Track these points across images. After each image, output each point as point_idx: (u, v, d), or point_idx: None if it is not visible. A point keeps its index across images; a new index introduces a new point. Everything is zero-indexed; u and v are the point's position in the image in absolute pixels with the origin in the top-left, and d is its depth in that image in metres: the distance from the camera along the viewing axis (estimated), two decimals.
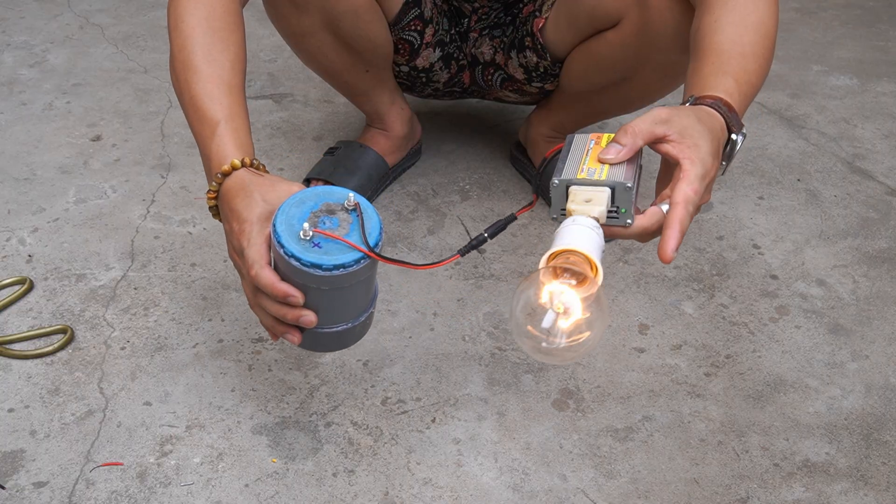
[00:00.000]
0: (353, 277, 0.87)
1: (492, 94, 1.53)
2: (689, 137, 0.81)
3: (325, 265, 0.84)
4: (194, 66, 0.98)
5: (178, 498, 1.04)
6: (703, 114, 0.84)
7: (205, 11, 1.02)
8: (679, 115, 0.82)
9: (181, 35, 1.01)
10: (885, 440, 1.13)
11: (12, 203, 1.51)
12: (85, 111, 1.77)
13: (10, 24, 2.10)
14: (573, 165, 0.84)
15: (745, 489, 1.07)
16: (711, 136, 0.82)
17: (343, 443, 1.11)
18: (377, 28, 1.33)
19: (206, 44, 1.00)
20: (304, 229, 0.85)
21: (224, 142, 0.94)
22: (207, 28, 1.01)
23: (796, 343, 1.27)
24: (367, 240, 0.85)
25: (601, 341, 1.26)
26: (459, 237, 1.46)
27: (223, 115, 0.95)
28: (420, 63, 1.42)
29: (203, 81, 0.97)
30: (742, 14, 0.95)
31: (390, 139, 1.54)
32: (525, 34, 1.38)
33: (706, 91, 0.88)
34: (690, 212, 0.79)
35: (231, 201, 0.91)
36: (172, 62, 1.02)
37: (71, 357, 1.22)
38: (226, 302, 1.32)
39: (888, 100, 1.88)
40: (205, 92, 0.97)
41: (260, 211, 0.89)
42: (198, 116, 0.96)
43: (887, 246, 1.46)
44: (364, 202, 0.88)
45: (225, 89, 0.97)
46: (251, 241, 0.88)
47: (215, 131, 0.94)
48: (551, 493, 1.06)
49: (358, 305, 0.93)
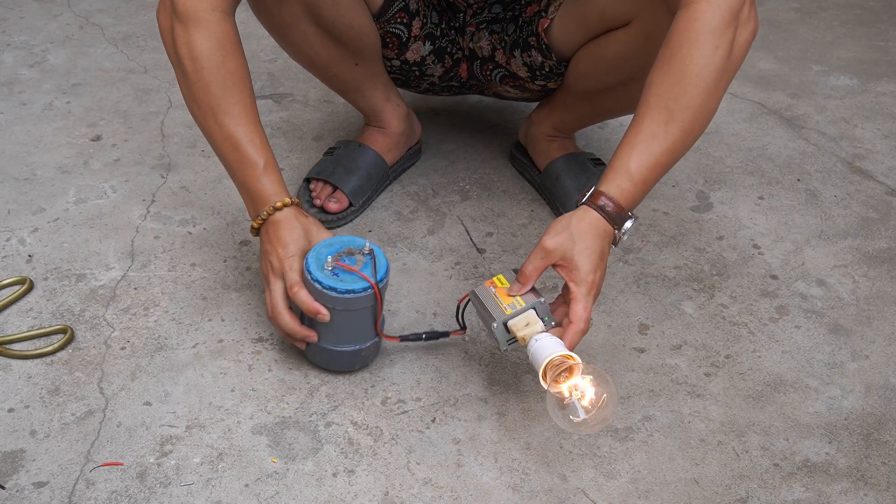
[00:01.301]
0: (360, 303, 1.10)
1: (491, 89, 1.52)
2: (571, 262, 1.04)
3: (339, 289, 1.09)
4: (223, 103, 1.15)
5: (178, 498, 1.04)
6: (584, 227, 1.04)
7: (214, 37, 1.14)
8: (561, 242, 1.04)
9: (197, 65, 1.14)
10: (885, 440, 1.13)
11: (12, 203, 1.51)
12: (85, 111, 1.77)
13: (10, 24, 2.10)
14: (497, 309, 1.07)
15: (745, 489, 1.07)
16: (590, 251, 1.04)
17: (343, 443, 1.11)
18: (359, 16, 1.33)
19: (225, 76, 1.15)
20: (327, 262, 1.10)
21: (271, 181, 1.16)
22: (222, 58, 1.15)
23: (796, 343, 1.27)
24: (375, 276, 1.10)
25: (602, 342, 1.26)
26: (459, 237, 1.46)
27: (264, 157, 1.16)
28: (410, 57, 1.42)
29: (236, 121, 1.16)
30: (680, 65, 1.04)
31: (388, 137, 1.54)
32: (529, 34, 1.37)
33: (603, 186, 1.06)
34: (585, 324, 1.04)
35: (279, 230, 1.15)
36: (193, 91, 1.16)
37: (71, 357, 1.22)
38: (226, 302, 1.32)
39: (888, 100, 1.88)
40: (243, 134, 1.16)
41: (302, 245, 1.14)
42: (237, 156, 1.16)
43: (887, 246, 1.46)
44: (377, 250, 1.13)
45: (259, 130, 1.17)
46: (292, 268, 1.12)
47: (259, 171, 1.16)
48: (551, 493, 1.06)
49: (362, 332, 1.15)
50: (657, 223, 1.50)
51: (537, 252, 1.05)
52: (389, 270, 1.13)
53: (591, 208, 1.06)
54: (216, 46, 1.14)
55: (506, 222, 1.49)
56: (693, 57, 1.03)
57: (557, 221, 1.07)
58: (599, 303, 1.32)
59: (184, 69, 1.15)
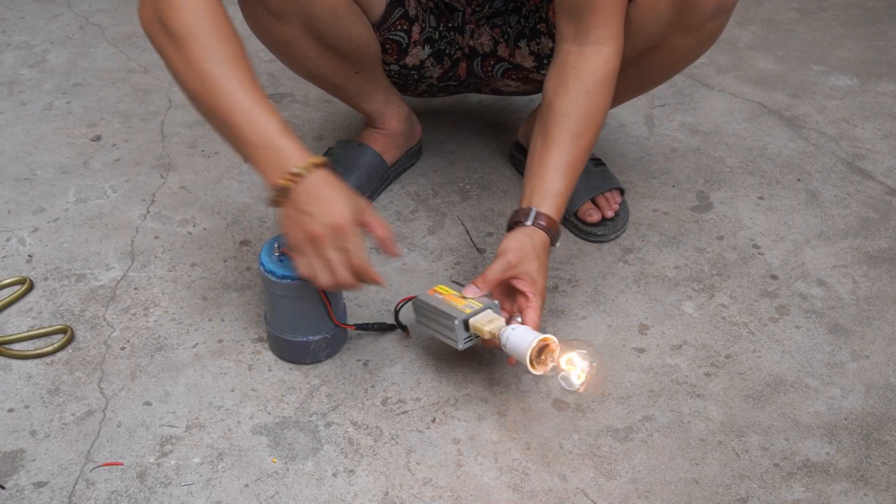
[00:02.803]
0: (298, 291, 1.12)
1: (490, 86, 1.52)
2: (529, 276, 1.16)
3: (277, 273, 1.12)
4: (225, 69, 1.05)
5: (178, 498, 1.04)
6: (538, 245, 1.18)
7: (201, 9, 1.05)
8: (523, 259, 1.16)
9: (191, 36, 1.05)
10: (885, 440, 1.13)
11: (12, 203, 1.51)
12: (85, 111, 1.77)
13: (10, 24, 2.10)
14: (454, 310, 1.13)
15: (745, 489, 1.07)
16: (544, 268, 1.18)
17: (343, 443, 1.11)
18: (359, 28, 1.32)
19: (220, 42, 1.05)
20: (275, 247, 1.13)
21: (294, 139, 1.05)
22: (214, 27, 1.05)
23: (796, 343, 1.27)
24: None
25: (602, 342, 1.26)
26: (459, 237, 1.46)
27: (279, 117, 1.05)
28: (410, 61, 1.42)
29: (242, 85, 1.05)
30: (595, 105, 1.23)
31: (389, 137, 1.54)
32: (538, 20, 1.37)
33: (542, 207, 1.20)
34: (538, 327, 1.14)
35: (321, 189, 1.04)
36: (190, 61, 1.05)
37: (71, 357, 1.22)
38: (226, 302, 1.32)
39: (888, 100, 1.88)
40: (254, 97, 1.04)
41: (354, 210, 1.06)
42: (251, 117, 1.04)
43: (887, 246, 1.46)
44: None
45: (265, 95, 1.06)
46: (356, 235, 1.05)
47: (279, 126, 1.04)
48: (551, 493, 1.06)
49: (309, 324, 1.17)
50: (657, 223, 1.50)
51: (501, 264, 1.16)
52: None
53: (540, 230, 1.19)
54: (204, 15, 1.05)
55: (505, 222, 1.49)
56: (607, 98, 1.24)
57: (515, 240, 1.18)
58: (599, 303, 1.33)
59: (177, 42, 1.05)
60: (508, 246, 1.18)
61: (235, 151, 1.07)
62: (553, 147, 1.21)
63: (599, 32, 1.20)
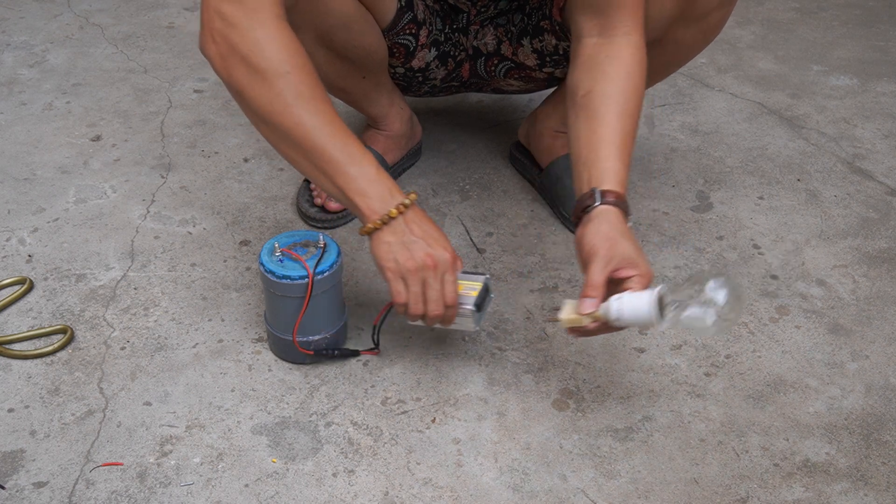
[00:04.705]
0: (296, 291, 1.14)
1: (492, 85, 1.52)
2: (629, 260, 1.06)
3: (277, 273, 1.13)
4: (314, 108, 1.06)
5: (178, 498, 1.04)
6: (618, 225, 1.08)
7: (284, 45, 1.05)
8: (613, 246, 1.06)
9: (279, 72, 1.04)
10: (885, 440, 1.13)
11: (12, 203, 1.51)
12: (85, 111, 1.77)
13: (10, 24, 2.10)
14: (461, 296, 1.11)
15: (745, 489, 1.07)
16: (636, 244, 1.08)
17: (343, 443, 1.11)
18: (370, 37, 1.32)
19: (312, 85, 1.06)
20: (275, 248, 1.16)
21: (388, 175, 1.09)
22: (301, 64, 1.05)
23: (796, 343, 1.27)
24: (317, 267, 1.14)
25: (602, 342, 1.26)
26: (459, 237, 1.46)
27: (373, 157, 1.08)
28: (416, 64, 1.42)
29: (331, 118, 1.07)
30: (626, 84, 1.17)
31: (390, 138, 1.54)
32: (541, 18, 1.37)
33: (604, 185, 1.10)
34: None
35: (425, 222, 1.09)
36: (277, 98, 1.04)
37: (71, 357, 1.22)
38: (226, 302, 1.32)
39: (888, 100, 1.88)
40: (343, 129, 1.07)
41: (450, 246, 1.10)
42: (351, 150, 1.06)
43: (887, 246, 1.46)
44: (331, 243, 1.18)
45: (355, 136, 1.08)
46: (455, 270, 1.09)
47: (378, 165, 1.08)
48: (551, 493, 1.06)
49: (302, 324, 1.17)
50: (657, 223, 1.50)
51: (598, 264, 1.06)
52: (341, 266, 1.17)
53: (610, 206, 1.09)
54: (290, 51, 1.05)
55: (506, 222, 1.49)
56: (643, 82, 1.19)
57: (595, 233, 1.08)
58: None
59: (265, 78, 1.04)
60: (593, 242, 1.07)
61: (325, 184, 1.08)
62: (600, 127, 1.14)
63: (628, 24, 1.18)
